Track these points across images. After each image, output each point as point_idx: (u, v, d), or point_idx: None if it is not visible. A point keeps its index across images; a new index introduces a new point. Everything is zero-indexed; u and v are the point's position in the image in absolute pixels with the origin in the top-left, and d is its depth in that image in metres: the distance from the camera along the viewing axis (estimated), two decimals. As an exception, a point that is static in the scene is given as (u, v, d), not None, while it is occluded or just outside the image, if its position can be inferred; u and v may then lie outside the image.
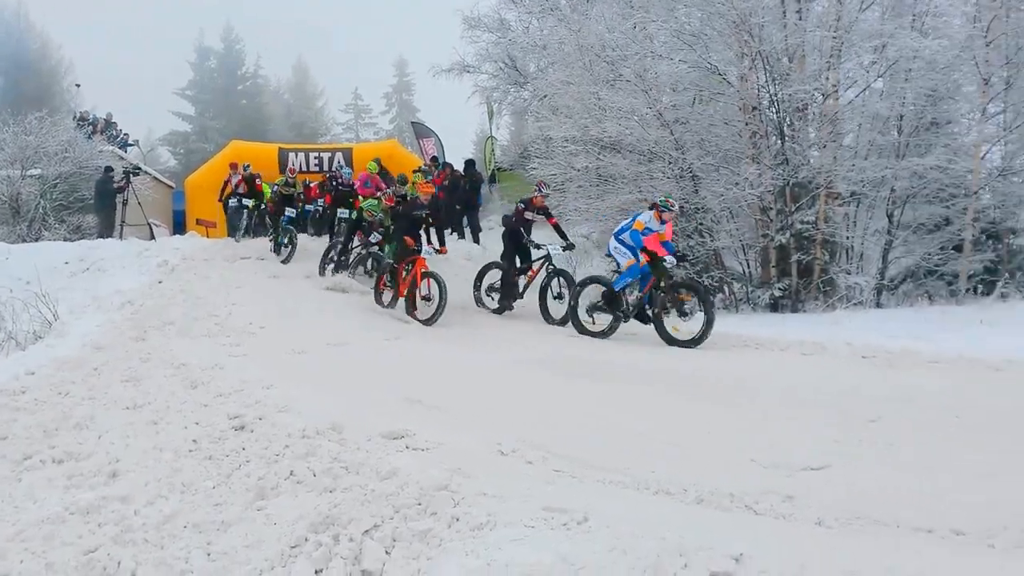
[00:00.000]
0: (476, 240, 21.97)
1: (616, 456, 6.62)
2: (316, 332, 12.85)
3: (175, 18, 58.09)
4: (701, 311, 12.72)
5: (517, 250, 16.03)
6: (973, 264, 16.31)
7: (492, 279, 16.20)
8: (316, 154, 28.74)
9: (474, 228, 22.59)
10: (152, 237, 23.80)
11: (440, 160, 26.60)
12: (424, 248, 14.85)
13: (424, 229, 15.30)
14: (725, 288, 17.13)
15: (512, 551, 4.69)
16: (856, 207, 16.81)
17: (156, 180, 29.46)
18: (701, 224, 17.05)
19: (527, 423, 7.77)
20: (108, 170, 23.87)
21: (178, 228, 27.35)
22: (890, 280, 16.32)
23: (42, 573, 4.88)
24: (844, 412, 8.09)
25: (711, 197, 16.88)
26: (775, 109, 16.40)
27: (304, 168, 27.26)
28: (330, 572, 4.79)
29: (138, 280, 16.27)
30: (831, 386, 9.33)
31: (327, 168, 26.99)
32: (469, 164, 24.87)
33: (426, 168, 23.03)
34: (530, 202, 15.80)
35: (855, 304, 15.65)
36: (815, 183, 16.10)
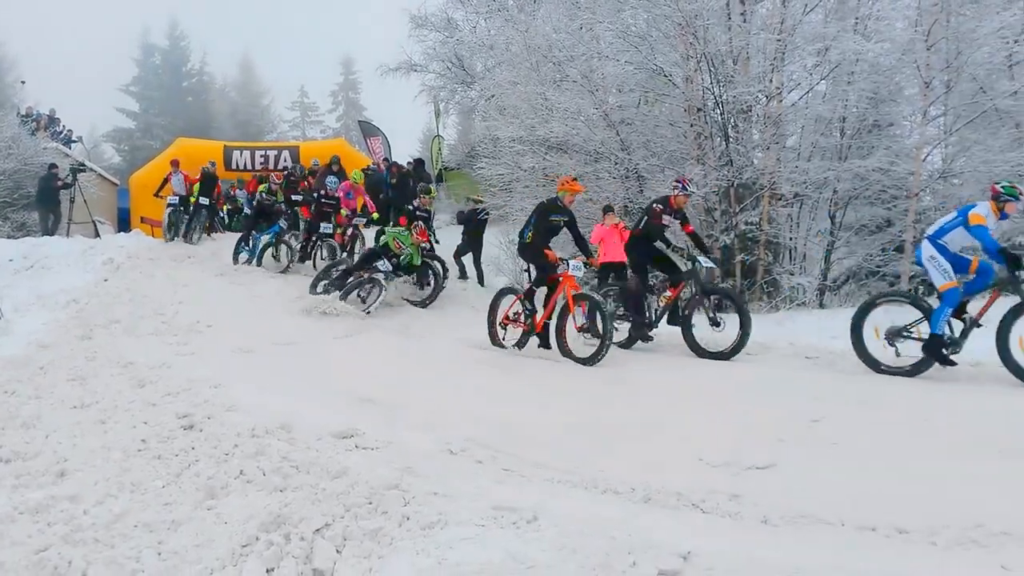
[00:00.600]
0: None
1: (564, 455, 6.68)
2: (263, 331, 12.82)
3: (119, 13, 57.41)
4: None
5: (654, 263, 12.76)
6: (914, 265, 16.54)
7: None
8: (262, 152, 28.61)
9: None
10: (97, 235, 23.54)
11: (389, 161, 26.64)
12: (572, 263, 11.91)
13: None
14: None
15: (463, 550, 4.77)
16: (799, 208, 16.98)
17: (101, 177, 29.08)
18: (646, 224, 17.14)
19: (476, 422, 7.81)
20: (52, 167, 23.55)
21: (123, 226, 26.98)
22: (833, 281, 16.52)
23: (-7, 573, 4.87)
24: (788, 412, 8.16)
25: (656, 197, 16.99)
26: (720, 111, 16.53)
27: (249, 167, 27.12)
28: (281, 571, 4.83)
29: (83, 278, 16.14)
30: (775, 386, 9.43)
31: (274, 165, 26.90)
32: (419, 163, 24.91)
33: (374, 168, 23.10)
34: (668, 202, 12.64)
35: (798, 305, 15.82)
36: (759, 184, 16.25)
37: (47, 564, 4.93)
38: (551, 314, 11.97)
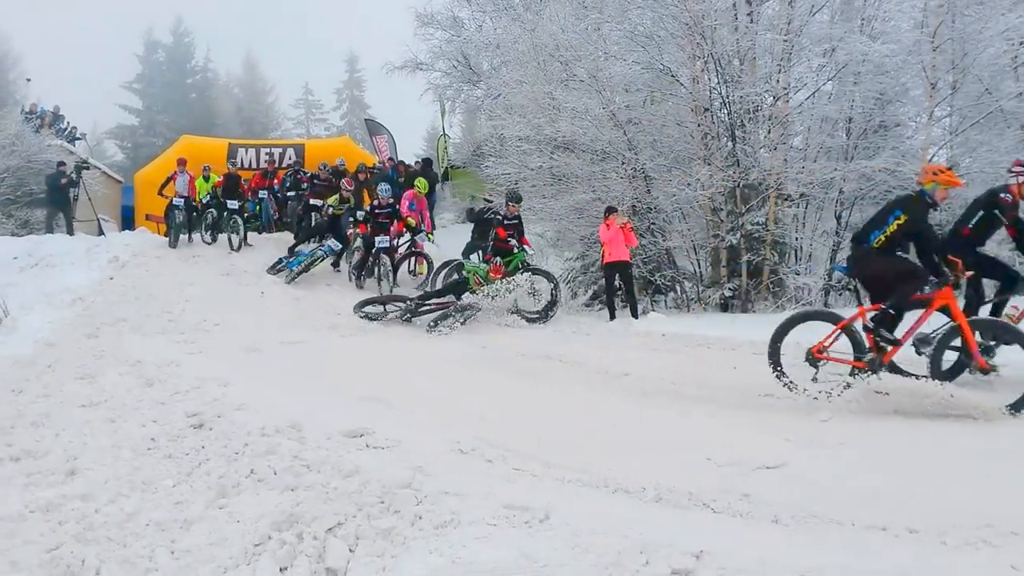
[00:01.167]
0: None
1: (574, 455, 6.68)
2: (271, 330, 12.85)
3: (122, 9, 57.46)
4: None
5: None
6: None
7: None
8: (267, 150, 28.56)
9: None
10: (101, 233, 23.56)
11: (395, 160, 26.67)
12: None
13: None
14: (677, 287, 17.26)
15: (476, 549, 4.77)
16: (805, 208, 16.99)
17: (105, 175, 29.07)
18: (653, 224, 17.15)
19: (485, 421, 7.83)
20: (61, 164, 23.53)
21: (127, 224, 26.89)
22: (838, 281, 16.51)
23: (7, 570, 4.86)
24: (796, 412, 8.22)
25: (663, 197, 17.00)
26: (726, 111, 16.52)
27: (254, 164, 27.06)
28: (295, 570, 4.84)
29: (88, 276, 16.15)
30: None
31: (279, 162, 26.81)
32: (427, 163, 24.94)
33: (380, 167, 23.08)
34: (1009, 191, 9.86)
35: (803, 304, 15.82)
36: (765, 184, 16.25)
37: (60, 562, 4.93)
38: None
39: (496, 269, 14.98)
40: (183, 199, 20.60)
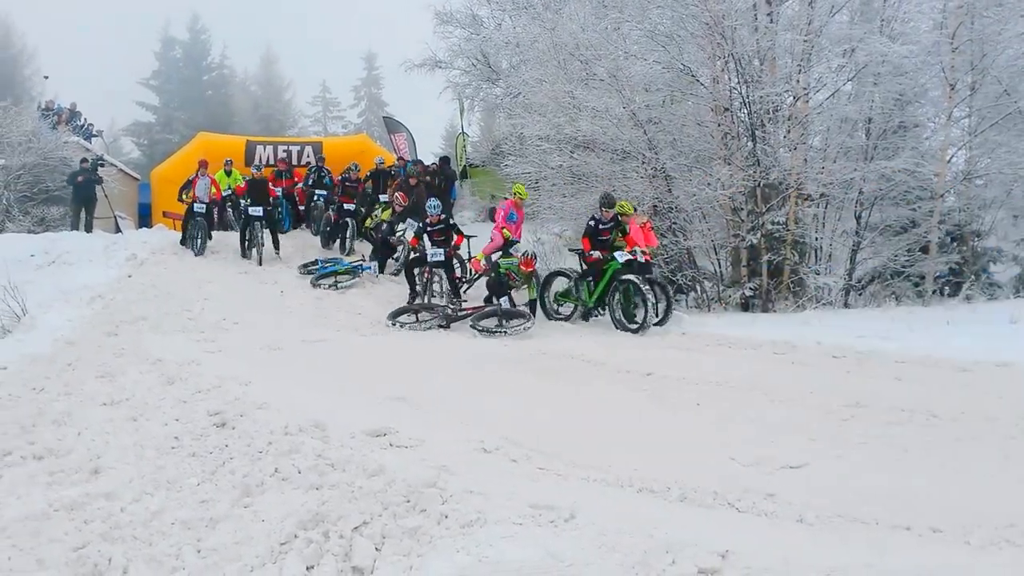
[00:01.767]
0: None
1: (598, 454, 6.67)
2: (291, 328, 12.87)
3: (139, 6, 57.60)
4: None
5: None
6: (939, 266, 16.59)
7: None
8: (285, 147, 28.49)
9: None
10: (118, 230, 23.60)
11: (411, 157, 26.64)
12: None
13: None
14: (697, 287, 17.23)
15: (502, 548, 4.76)
16: (825, 208, 16.97)
17: (122, 172, 29.09)
18: (674, 223, 17.13)
19: (508, 420, 7.81)
20: (84, 161, 23.56)
21: (143, 221, 26.91)
22: (858, 281, 16.50)
23: (34, 569, 4.86)
24: (819, 411, 8.18)
25: (684, 197, 16.97)
26: (746, 111, 16.50)
27: (272, 162, 26.91)
28: (321, 568, 4.83)
29: (106, 274, 16.14)
30: (804, 385, 9.35)
31: (296, 160, 26.74)
32: (444, 161, 24.92)
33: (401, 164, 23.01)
34: None
35: (824, 304, 15.83)
36: (785, 184, 16.23)
37: (87, 561, 4.92)
38: None
39: (527, 262, 14.77)
40: (204, 204, 19.67)
